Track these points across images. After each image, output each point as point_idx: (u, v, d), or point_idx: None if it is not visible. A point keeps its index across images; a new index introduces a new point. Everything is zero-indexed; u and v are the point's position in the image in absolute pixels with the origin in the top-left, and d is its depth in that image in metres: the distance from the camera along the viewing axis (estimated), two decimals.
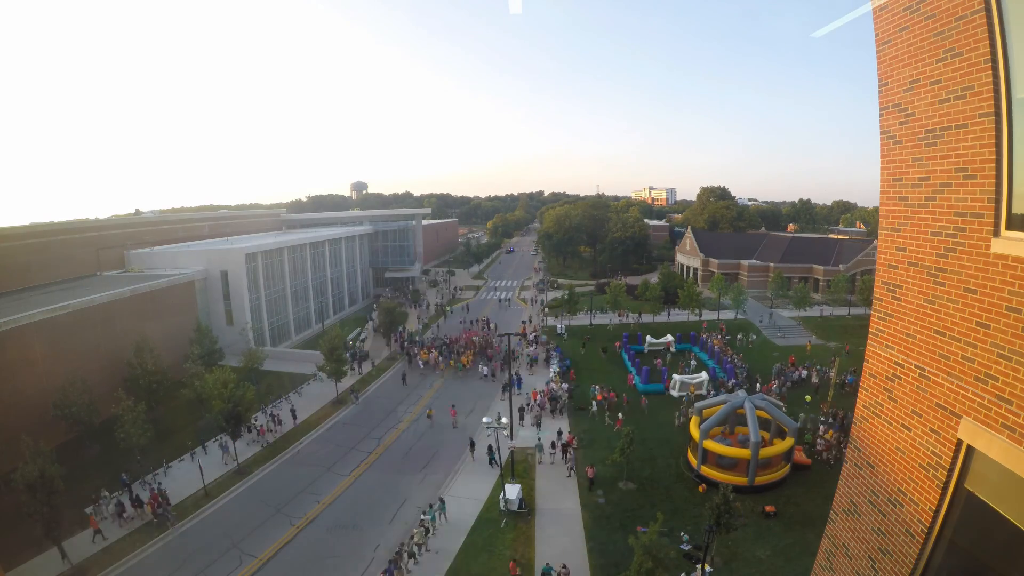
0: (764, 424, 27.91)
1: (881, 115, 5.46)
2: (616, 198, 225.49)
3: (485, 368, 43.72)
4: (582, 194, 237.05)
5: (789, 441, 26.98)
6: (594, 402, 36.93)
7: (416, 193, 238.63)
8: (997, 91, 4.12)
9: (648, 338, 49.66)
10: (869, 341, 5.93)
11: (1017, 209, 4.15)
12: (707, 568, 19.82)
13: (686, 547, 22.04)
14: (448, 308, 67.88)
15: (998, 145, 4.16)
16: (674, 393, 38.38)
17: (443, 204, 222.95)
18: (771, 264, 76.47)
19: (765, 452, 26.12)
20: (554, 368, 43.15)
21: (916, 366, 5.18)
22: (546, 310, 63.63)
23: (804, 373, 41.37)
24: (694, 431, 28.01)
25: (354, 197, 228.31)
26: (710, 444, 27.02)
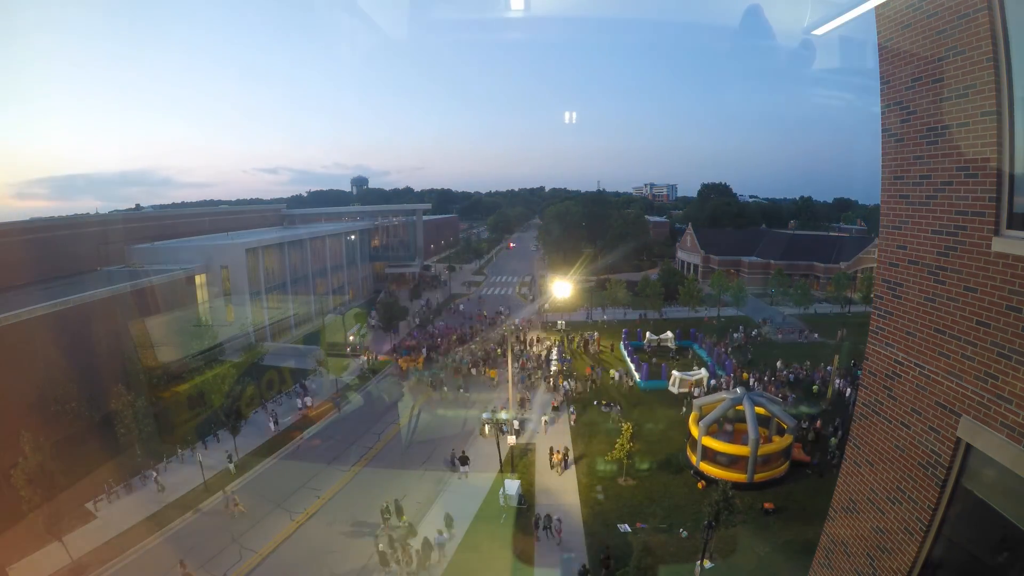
0: (763, 421, 27.93)
1: (883, 113, 5.45)
2: (617, 194, 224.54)
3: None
4: (583, 190, 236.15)
5: (788, 438, 27.01)
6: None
7: (416, 188, 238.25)
8: (999, 90, 4.11)
9: (648, 334, 49.67)
10: (869, 339, 5.93)
11: (1018, 208, 4.15)
12: (706, 564, 19.90)
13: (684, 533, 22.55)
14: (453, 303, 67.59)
15: (999, 144, 4.15)
16: (674, 390, 38.40)
17: (444, 199, 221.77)
18: (772, 261, 76.45)
19: (764, 449, 26.16)
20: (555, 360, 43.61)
21: (916, 364, 5.18)
22: (546, 306, 63.61)
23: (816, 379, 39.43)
24: (693, 428, 28.06)
25: (355, 192, 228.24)
26: (709, 441, 27.09)
